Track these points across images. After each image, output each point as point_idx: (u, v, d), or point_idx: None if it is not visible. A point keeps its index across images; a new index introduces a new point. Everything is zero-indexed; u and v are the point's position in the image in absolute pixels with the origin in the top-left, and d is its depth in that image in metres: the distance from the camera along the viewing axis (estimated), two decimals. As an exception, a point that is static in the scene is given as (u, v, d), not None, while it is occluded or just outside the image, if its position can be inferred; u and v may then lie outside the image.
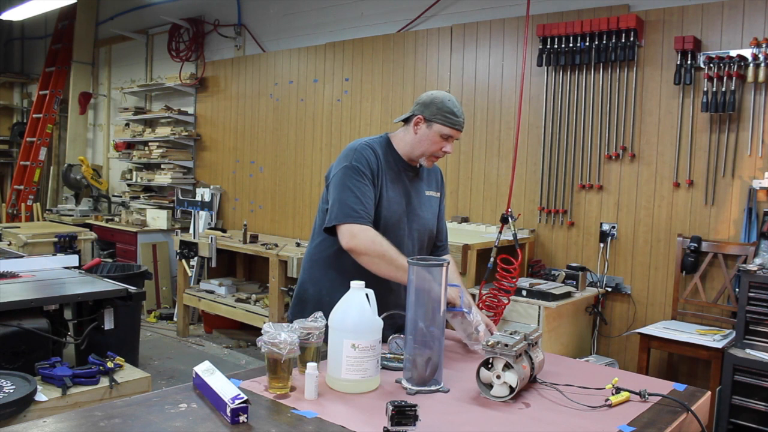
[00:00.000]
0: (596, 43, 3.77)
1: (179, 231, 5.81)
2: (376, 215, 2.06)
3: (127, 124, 7.08)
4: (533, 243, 4.15)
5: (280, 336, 1.54)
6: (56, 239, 5.29)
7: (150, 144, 6.56)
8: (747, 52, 3.30)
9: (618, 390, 1.62)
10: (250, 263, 5.86)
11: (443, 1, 4.63)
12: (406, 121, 2.15)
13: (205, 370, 1.57)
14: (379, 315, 1.66)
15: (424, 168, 2.23)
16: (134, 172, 6.94)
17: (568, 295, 3.60)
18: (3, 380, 2.44)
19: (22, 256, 4.06)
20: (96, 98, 7.89)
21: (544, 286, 3.59)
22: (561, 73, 4.01)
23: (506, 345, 1.58)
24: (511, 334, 1.66)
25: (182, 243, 5.41)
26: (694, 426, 1.58)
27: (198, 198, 5.86)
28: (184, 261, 5.45)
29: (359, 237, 1.97)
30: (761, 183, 3.32)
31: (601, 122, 3.87)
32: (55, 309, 2.99)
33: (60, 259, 3.85)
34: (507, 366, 1.58)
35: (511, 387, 1.57)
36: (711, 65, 3.41)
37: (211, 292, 5.29)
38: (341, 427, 1.40)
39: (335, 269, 2.11)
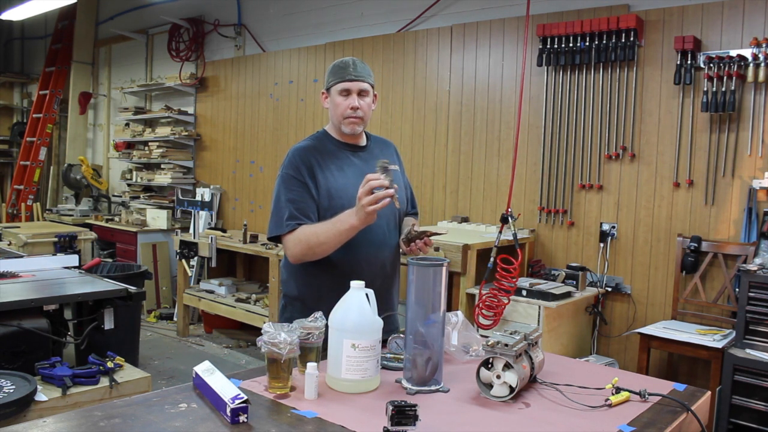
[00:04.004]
0: (596, 43, 3.77)
1: (179, 231, 5.81)
2: (331, 207, 2.01)
3: (127, 124, 7.08)
4: (533, 243, 4.15)
5: (280, 336, 1.54)
6: (56, 239, 5.29)
7: (150, 144, 6.56)
8: (747, 52, 3.30)
9: (618, 390, 1.62)
10: (250, 263, 5.86)
11: (443, 1, 4.63)
12: None
13: (205, 370, 1.57)
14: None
15: (375, 145, 2.22)
16: (134, 172, 6.94)
17: (568, 295, 3.60)
18: (3, 380, 2.44)
19: (22, 256, 4.06)
20: (96, 98, 7.89)
21: (544, 286, 3.59)
22: (561, 73, 4.01)
23: (506, 345, 1.58)
24: (511, 334, 1.66)
25: (182, 243, 5.41)
26: (694, 426, 1.58)
27: (198, 198, 5.86)
28: (184, 261, 5.45)
29: (290, 249, 2.01)
30: (761, 183, 3.32)
31: (601, 122, 3.87)
32: (55, 309, 2.99)
33: (60, 259, 3.85)
34: (507, 366, 1.58)
35: (511, 387, 1.57)
36: (711, 65, 3.40)
37: (211, 292, 5.29)
38: (341, 427, 1.40)
39: (301, 269, 2.10)
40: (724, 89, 3.37)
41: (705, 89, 3.43)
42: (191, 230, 5.57)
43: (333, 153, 2.10)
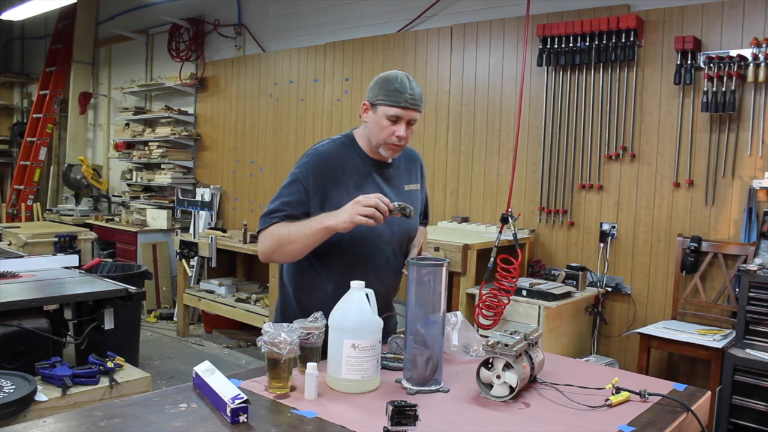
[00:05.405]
0: (596, 43, 3.77)
1: (179, 231, 5.81)
2: (339, 235, 1.85)
3: (127, 124, 7.08)
4: (533, 243, 4.15)
5: (280, 336, 1.54)
6: (56, 239, 5.29)
7: (150, 144, 6.56)
8: (747, 52, 3.29)
9: (618, 390, 1.62)
10: (250, 263, 5.86)
11: (443, 1, 4.63)
12: None
13: (205, 370, 1.57)
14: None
15: (401, 160, 2.05)
16: (134, 172, 6.94)
17: (568, 295, 3.60)
18: (3, 380, 2.44)
19: (22, 256, 4.06)
20: (96, 98, 7.89)
21: (544, 286, 3.59)
22: (561, 73, 4.01)
23: (506, 345, 1.58)
24: (511, 334, 1.66)
25: (182, 243, 5.41)
26: (694, 426, 1.58)
27: (198, 198, 5.86)
28: (184, 261, 5.45)
29: (261, 244, 1.89)
30: (761, 183, 3.32)
31: (601, 122, 3.87)
32: (55, 309, 2.99)
33: (60, 259, 3.85)
34: (507, 366, 1.58)
35: (511, 387, 1.57)
36: (711, 65, 3.40)
37: (211, 292, 5.29)
38: (341, 427, 1.40)
39: (301, 285, 2.02)
40: (724, 89, 3.37)
41: (705, 89, 3.43)
42: (191, 230, 5.58)
43: (356, 167, 1.94)
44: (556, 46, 3.92)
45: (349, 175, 1.93)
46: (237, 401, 1.38)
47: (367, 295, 1.63)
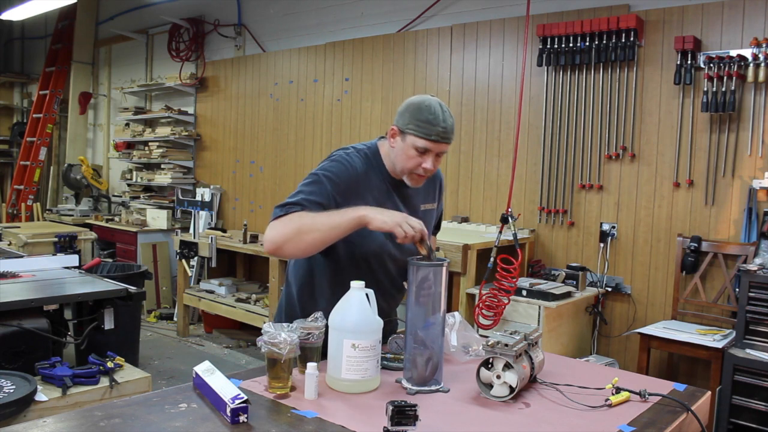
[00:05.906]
0: (596, 43, 3.77)
1: (179, 231, 5.81)
2: (350, 247, 1.82)
3: (127, 124, 7.09)
4: (533, 243, 4.15)
5: (280, 336, 1.54)
6: (56, 239, 5.29)
7: (150, 144, 6.56)
8: (747, 52, 3.30)
9: (618, 390, 1.62)
10: (250, 263, 5.86)
11: (443, 1, 4.63)
12: None
13: (205, 370, 1.57)
14: None
15: None
16: (134, 172, 6.94)
17: (568, 295, 3.60)
18: (3, 380, 2.44)
19: (22, 256, 4.06)
20: (96, 98, 7.89)
21: (544, 286, 3.59)
22: (561, 73, 4.01)
23: (506, 345, 1.58)
24: (511, 334, 1.66)
25: (182, 243, 5.41)
26: (694, 426, 1.58)
27: (198, 198, 5.86)
28: (184, 261, 5.45)
29: (275, 229, 1.72)
30: (761, 183, 3.32)
31: (601, 122, 3.87)
32: (55, 309, 2.99)
33: (60, 259, 3.85)
34: (507, 366, 1.58)
35: (511, 387, 1.57)
36: (711, 65, 3.40)
37: (211, 292, 5.29)
38: (341, 427, 1.40)
39: (308, 297, 1.99)
40: (724, 89, 3.37)
41: (705, 89, 3.43)
42: (191, 230, 5.58)
43: (377, 183, 1.88)
44: (556, 46, 3.92)
45: (368, 190, 1.86)
46: (237, 401, 1.38)
47: (367, 295, 1.63)
